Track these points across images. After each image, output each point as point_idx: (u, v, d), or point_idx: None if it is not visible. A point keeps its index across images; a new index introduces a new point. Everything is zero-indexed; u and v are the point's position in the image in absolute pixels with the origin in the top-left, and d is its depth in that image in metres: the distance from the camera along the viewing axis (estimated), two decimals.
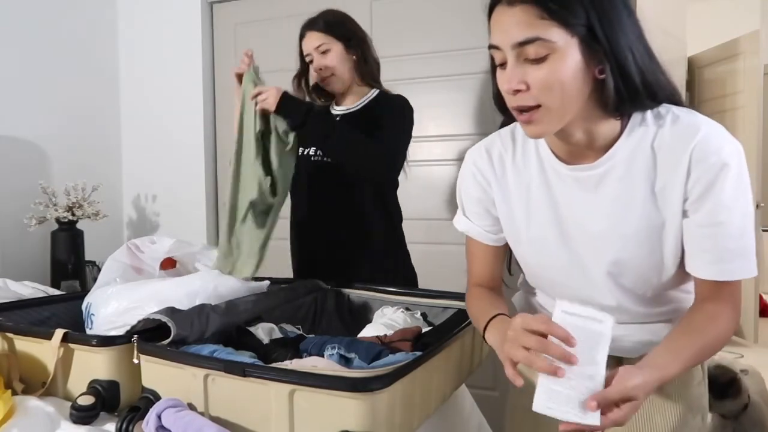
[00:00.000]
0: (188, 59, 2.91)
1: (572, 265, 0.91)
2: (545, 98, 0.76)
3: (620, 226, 0.85)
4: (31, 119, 2.48)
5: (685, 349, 0.79)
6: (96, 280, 1.27)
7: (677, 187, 0.80)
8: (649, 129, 0.82)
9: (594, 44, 0.75)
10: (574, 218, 0.89)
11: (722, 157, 0.78)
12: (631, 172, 0.83)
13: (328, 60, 1.61)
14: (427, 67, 2.37)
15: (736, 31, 3.86)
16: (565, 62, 0.75)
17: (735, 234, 0.80)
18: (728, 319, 0.82)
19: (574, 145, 0.85)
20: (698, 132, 0.79)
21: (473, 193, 0.99)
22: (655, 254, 0.85)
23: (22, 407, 0.95)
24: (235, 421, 0.85)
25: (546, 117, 0.78)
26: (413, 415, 0.90)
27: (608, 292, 0.90)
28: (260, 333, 1.12)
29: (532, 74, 0.76)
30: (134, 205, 3.01)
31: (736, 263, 0.81)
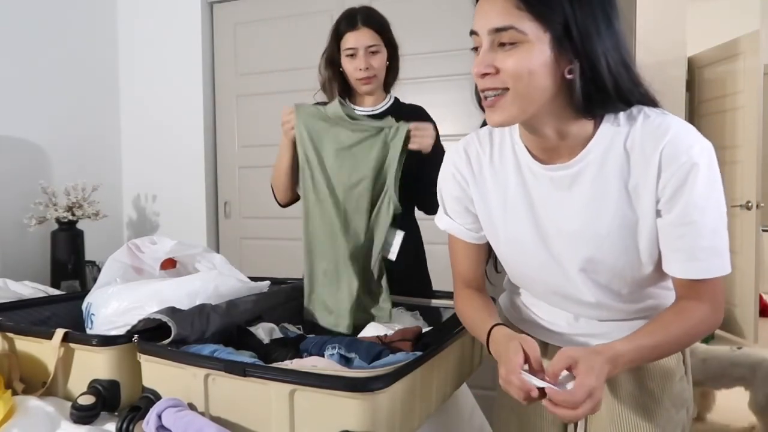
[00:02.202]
0: (188, 59, 2.91)
1: (549, 264, 0.93)
2: (514, 83, 0.79)
3: (594, 225, 0.86)
4: (31, 119, 2.48)
5: (645, 338, 0.81)
6: (96, 280, 1.27)
7: (649, 186, 0.82)
8: (622, 129, 0.83)
9: (566, 44, 0.77)
10: (550, 217, 0.90)
11: (692, 156, 0.79)
12: (604, 171, 0.84)
13: (376, 61, 1.57)
14: (427, 67, 2.37)
15: (736, 31, 3.86)
16: (533, 54, 0.77)
17: (707, 233, 0.81)
18: (702, 314, 0.84)
19: (547, 143, 0.87)
20: (668, 132, 0.80)
21: (452, 192, 1.01)
22: (629, 253, 0.86)
23: (22, 407, 0.95)
24: (235, 421, 0.85)
25: (509, 104, 0.80)
26: (414, 415, 0.90)
27: (586, 289, 0.92)
28: (260, 333, 1.12)
29: (502, 59, 0.79)
30: (134, 205, 3.01)
31: (710, 261, 0.82)
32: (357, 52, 1.56)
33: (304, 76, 2.68)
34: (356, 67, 1.57)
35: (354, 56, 1.57)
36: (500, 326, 0.91)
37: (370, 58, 1.57)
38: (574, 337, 1.00)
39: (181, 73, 2.92)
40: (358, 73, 1.57)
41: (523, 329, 1.06)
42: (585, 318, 0.99)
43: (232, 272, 1.29)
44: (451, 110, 2.34)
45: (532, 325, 1.05)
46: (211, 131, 2.98)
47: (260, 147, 2.90)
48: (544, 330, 1.03)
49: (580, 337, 0.99)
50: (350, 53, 1.57)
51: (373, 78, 1.59)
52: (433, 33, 2.48)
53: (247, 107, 2.93)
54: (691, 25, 3.85)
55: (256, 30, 2.89)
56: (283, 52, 2.83)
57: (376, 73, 1.59)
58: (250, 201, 2.93)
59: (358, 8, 1.60)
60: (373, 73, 1.58)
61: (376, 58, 1.57)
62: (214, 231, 3.00)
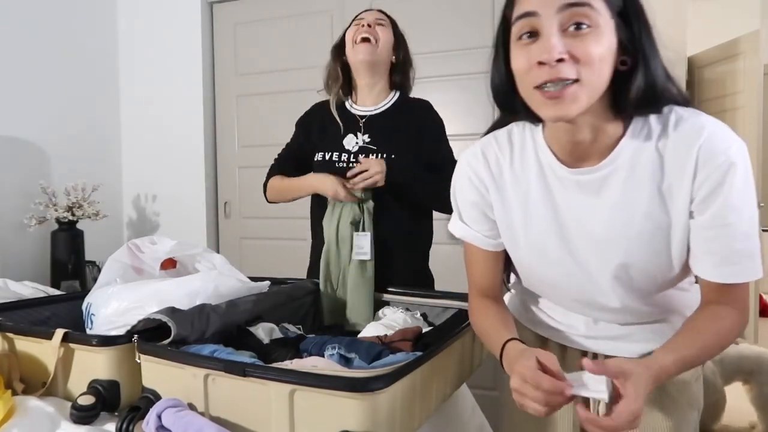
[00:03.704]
0: (188, 59, 2.91)
1: (575, 271, 0.89)
2: (586, 72, 0.71)
3: (625, 229, 0.83)
4: (31, 119, 2.48)
5: (686, 348, 0.79)
6: (96, 280, 1.27)
7: (684, 188, 0.79)
8: (653, 130, 0.81)
9: (625, 33, 0.74)
10: (577, 223, 0.87)
11: (729, 156, 0.76)
12: (635, 173, 0.81)
13: (381, 33, 1.58)
14: (427, 67, 2.37)
15: (736, 31, 3.86)
16: (604, 39, 0.71)
17: (742, 235, 0.79)
18: (733, 320, 0.82)
19: (578, 145, 0.83)
20: (703, 132, 0.78)
21: (469, 197, 0.95)
22: (661, 256, 0.84)
23: (22, 407, 0.95)
24: (235, 421, 0.85)
25: (579, 95, 0.72)
26: (414, 415, 0.90)
27: (614, 295, 0.89)
28: (260, 333, 1.12)
29: (576, 44, 0.71)
30: (134, 205, 3.01)
31: (743, 265, 0.80)
32: (363, 21, 1.59)
33: (304, 76, 2.68)
34: (358, 31, 1.57)
35: (360, 25, 1.58)
36: (516, 341, 0.86)
37: (376, 28, 1.58)
38: (592, 341, 0.98)
39: (181, 73, 2.92)
40: (360, 32, 1.56)
41: (537, 332, 1.05)
42: (604, 321, 0.97)
43: (232, 272, 1.29)
44: (451, 110, 2.34)
45: (547, 328, 1.03)
46: (211, 131, 2.98)
47: (260, 147, 2.90)
48: (560, 333, 1.01)
49: (599, 341, 0.97)
50: (358, 23, 1.60)
51: (372, 46, 1.56)
52: (434, 33, 2.48)
53: (247, 107, 2.93)
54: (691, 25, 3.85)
55: (256, 30, 2.89)
56: (283, 52, 2.83)
57: (377, 41, 1.57)
58: (250, 201, 2.93)
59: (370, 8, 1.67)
60: (374, 39, 1.56)
61: (382, 30, 1.59)
62: (214, 231, 3.00)
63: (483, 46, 2.41)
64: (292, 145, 1.74)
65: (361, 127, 1.62)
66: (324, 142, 1.63)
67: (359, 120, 1.63)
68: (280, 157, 1.77)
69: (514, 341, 0.86)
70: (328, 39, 1.66)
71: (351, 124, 1.63)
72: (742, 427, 2.51)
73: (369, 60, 1.57)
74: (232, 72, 2.95)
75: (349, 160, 1.59)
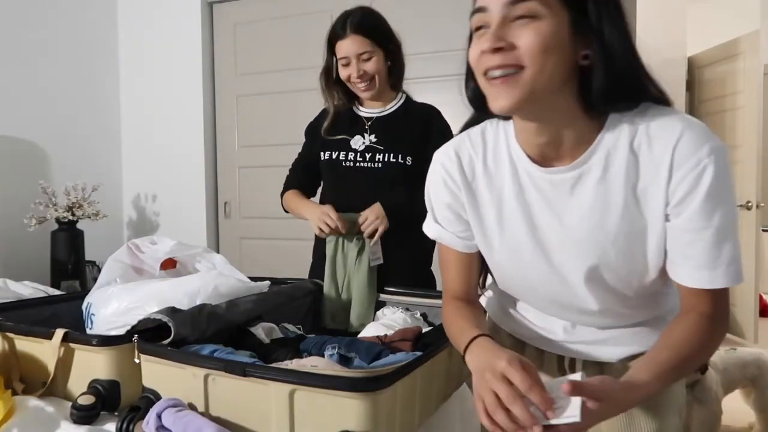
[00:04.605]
0: (188, 59, 2.91)
1: (550, 273, 0.87)
2: (527, 59, 0.72)
3: (599, 233, 0.81)
4: (31, 119, 2.48)
5: (665, 364, 0.77)
6: (96, 280, 1.27)
7: (659, 190, 0.77)
8: (628, 129, 0.78)
9: (584, 25, 0.73)
10: (550, 224, 0.84)
11: (704, 158, 0.74)
12: (609, 174, 0.79)
13: (370, 66, 1.56)
14: (427, 67, 2.37)
15: (736, 31, 3.86)
16: (551, 30, 0.72)
17: (718, 239, 0.76)
18: (712, 330, 0.79)
19: (547, 143, 0.81)
20: (678, 132, 0.75)
21: (443, 198, 0.93)
22: (636, 259, 0.82)
23: (22, 407, 0.95)
24: (235, 421, 0.85)
25: (520, 85, 0.73)
26: (413, 415, 0.90)
27: (590, 297, 0.87)
28: (260, 333, 1.12)
29: (517, 34, 0.72)
30: (134, 205, 3.01)
31: (719, 270, 0.77)
32: (350, 61, 1.56)
33: (304, 76, 2.68)
34: (350, 74, 1.57)
35: (348, 65, 1.57)
36: (484, 338, 0.82)
37: (363, 65, 1.56)
38: (571, 345, 0.96)
39: (181, 73, 2.93)
40: (354, 80, 1.58)
41: (515, 335, 1.03)
42: (584, 326, 0.95)
43: (232, 272, 1.29)
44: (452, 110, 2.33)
45: (525, 331, 1.01)
46: (211, 131, 2.98)
47: (260, 147, 2.90)
48: (539, 337, 0.99)
49: (578, 345, 0.95)
50: (344, 62, 1.58)
51: (370, 83, 1.58)
52: (434, 33, 2.48)
53: (247, 107, 2.93)
54: (691, 25, 3.85)
55: (256, 30, 2.89)
56: (283, 52, 2.83)
57: (372, 77, 1.58)
58: (250, 201, 2.93)
59: (352, 11, 1.58)
60: (368, 78, 1.58)
61: (369, 63, 1.56)
62: (214, 231, 3.00)
63: None
64: (304, 152, 1.76)
65: (368, 128, 1.63)
66: (330, 142, 1.64)
67: (366, 121, 1.65)
68: (293, 166, 1.79)
69: (485, 337, 0.83)
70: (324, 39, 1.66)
71: (358, 124, 1.65)
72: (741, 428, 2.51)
73: (371, 95, 1.62)
74: (232, 72, 2.95)
75: (356, 159, 1.61)
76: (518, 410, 0.68)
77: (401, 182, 1.58)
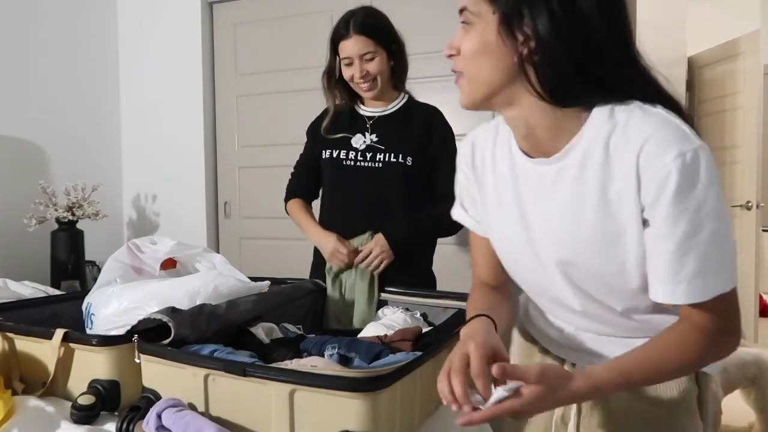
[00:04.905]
0: (188, 59, 2.91)
1: (536, 265, 0.88)
2: (464, 66, 0.79)
3: (572, 230, 0.80)
4: (31, 119, 2.48)
5: (632, 369, 0.75)
6: (96, 280, 1.27)
7: (631, 194, 0.73)
8: (605, 127, 0.75)
9: (517, 25, 0.73)
10: (535, 216, 0.85)
11: (668, 163, 0.69)
12: (584, 173, 0.77)
13: (373, 67, 1.57)
14: (428, 67, 2.37)
15: (736, 31, 3.86)
16: (480, 34, 0.76)
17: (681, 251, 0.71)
18: (703, 340, 0.75)
19: (526, 135, 0.82)
20: (646, 134, 0.71)
21: (462, 182, 0.98)
22: (613, 263, 0.79)
23: (22, 407, 0.95)
24: (235, 421, 0.85)
25: (464, 86, 0.80)
26: (413, 415, 0.90)
27: (570, 294, 0.87)
28: (260, 333, 1.12)
29: (460, 40, 0.79)
30: (134, 205, 3.01)
31: (683, 285, 0.72)
32: (353, 61, 1.56)
33: (304, 76, 2.68)
34: (353, 74, 1.57)
35: (350, 65, 1.57)
36: (484, 318, 0.84)
37: (366, 65, 1.56)
38: (567, 350, 0.96)
39: (181, 73, 2.92)
40: (356, 80, 1.58)
41: (530, 332, 1.05)
42: (580, 329, 0.94)
43: (232, 272, 1.28)
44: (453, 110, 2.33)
45: (535, 330, 1.03)
46: (211, 131, 2.98)
47: (260, 147, 2.90)
48: (544, 336, 1.01)
49: (577, 351, 0.95)
50: (347, 62, 1.58)
51: (372, 83, 1.59)
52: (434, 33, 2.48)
53: (247, 107, 2.93)
54: (691, 25, 3.85)
55: (256, 30, 2.89)
56: (283, 52, 2.83)
57: (375, 77, 1.58)
58: (250, 201, 2.93)
59: (355, 11, 1.59)
60: (370, 79, 1.58)
61: (372, 63, 1.57)
62: (214, 231, 3.00)
63: None
64: (305, 153, 1.77)
65: (369, 127, 1.63)
66: (332, 141, 1.64)
67: (367, 120, 1.65)
68: (296, 169, 1.79)
69: (484, 317, 0.85)
70: (328, 39, 1.66)
71: (359, 123, 1.65)
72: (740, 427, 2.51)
73: (373, 95, 1.62)
74: (232, 72, 2.95)
75: (357, 158, 1.61)
76: (457, 384, 0.72)
77: (402, 182, 1.59)
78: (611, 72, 0.75)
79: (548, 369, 0.73)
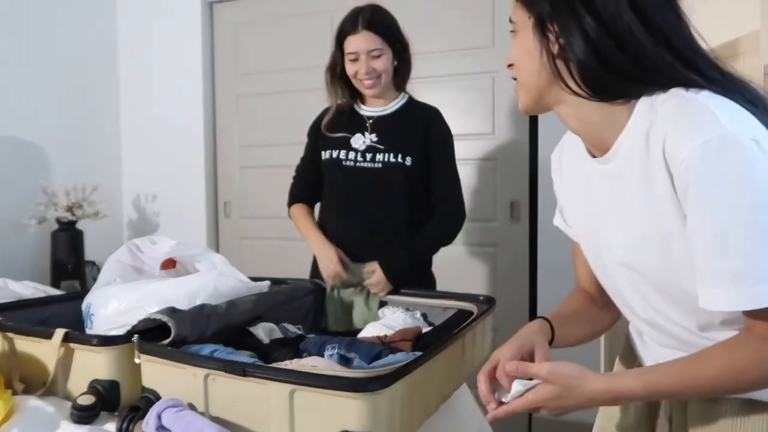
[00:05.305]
0: (188, 59, 2.91)
1: (601, 264, 0.88)
2: (516, 72, 0.82)
3: (623, 232, 0.78)
4: (31, 119, 2.48)
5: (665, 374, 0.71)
6: (96, 280, 1.27)
7: (668, 188, 0.68)
8: (647, 119, 0.71)
9: (550, 27, 0.76)
10: (598, 216, 0.84)
11: (691, 152, 0.64)
12: (629, 170, 0.74)
13: (379, 64, 1.56)
14: (427, 67, 2.37)
15: (736, 31, 3.86)
16: (521, 40, 0.80)
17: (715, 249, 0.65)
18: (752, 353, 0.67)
19: (579, 133, 0.82)
20: (671, 122, 0.68)
21: (555, 185, 0.98)
22: (670, 270, 0.73)
23: (22, 407, 0.95)
24: (235, 421, 0.85)
25: (519, 92, 0.83)
26: (413, 415, 0.90)
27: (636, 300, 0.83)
28: (260, 333, 1.12)
29: (512, 49, 0.83)
30: (134, 205, 3.01)
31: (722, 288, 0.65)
32: (359, 56, 1.55)
33: (304, 76, 2.68)
34: (358, 70, 1.56)
35: (356, 60, 1.56)
36: (543, 321, 0.89)
37: (372, 62, 1.55)
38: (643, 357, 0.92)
39: (181, 73, 2.92)
40: (360, 76, 1.57)
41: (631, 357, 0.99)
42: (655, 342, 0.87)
43: (232, 272, 1.29)
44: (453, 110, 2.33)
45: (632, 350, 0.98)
46: (211, 131, 2.98)
47: (260, 147, 2.90)
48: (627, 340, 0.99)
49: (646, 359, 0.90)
50: (352, 57, 1.56)
51: (376, 81, 1.58)
52: (436, 33, 2.48)
53: (247, 107, 2.93)
54: None
55: (256, 30, 2.89)
56: (283, 52, 2.83)
57: (379, 75, 1.57)
58: (250, 201, 2.93)
59: (363, 8, 1.58)
60: (375, 76, 1.57)
61: (379, 61, 1.56)
62: (214, 231, 3.00)
63: (483, 46, 2.41)
64: (306, 155, 1.76)
65: (369, 127, 1.63)
66: (331, 141, 1.64)
67: (367, 120, 1.64)
68: (298, 172, 1.78)
69: (542, 320, 0.89)
70: (328, 39, 1.66)
71: (359, 123, 1.64)
72: None
73: (375, 93, 1.62)
74: (232, 72, 2.95)
75: (357, 158, 1.60)
76: (480, 383, 0.80)
77: (402, 182, 1.59)
78: (643, 60, 0.72)
79: (559, 367, 0.74)
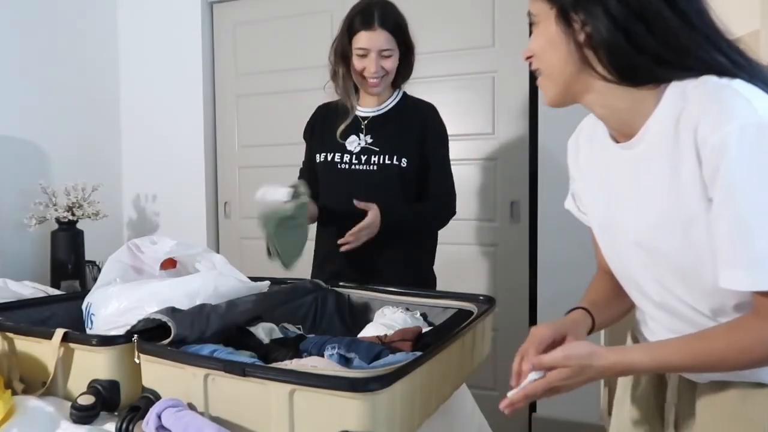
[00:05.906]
0: (188, 59, 2.91)
1: (616, 250, 0.90)
2: (538, 63, 0.83)
3: (645, 215, 0.80)
4: (31, 119, 2.48)
5: (672, 349, 0.75)
6: (96, 280, 1.27)
7: (695, 172, 0.71)
8: (677, 105, 0.73)
9: (572, 15, 0.76)
10: (616, 197, 0.86)
11: (724, 136, 0.66)
12: (656, 154, 0.76)
13: (388, 64, 1.53)
14: (427, 67, 2.37)
15: (736, 31, 3.85)
16: (543, 31, 0.80)
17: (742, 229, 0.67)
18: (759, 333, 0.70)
19: (605, 119, 0.84)
20: (705, 108, 0.69)
21: (570, 168, 1.00)
22: (689, 252, 0.75)
23: (22, 407, 0.95)
24: (235, 421, 0.85)
25: (544, 84, 0.84)
26: (413, 415, 0.90)
27: (650, 283, 0.85)
28: (260, 333, 1.12)
29: (532, 42, 0.83)
30: (134, 205, 3.01)
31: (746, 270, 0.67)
32: (369, 54, 1.51)
33: (304, 76, 2.68)
34: (366, 67, 1.52)
35: (365, 57, 1.52)
36: (581, 311, 0.93)
37: (383, 61, 1.52)
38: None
39: (181, 73, 2.93)
40: (368, 75, 1.53)
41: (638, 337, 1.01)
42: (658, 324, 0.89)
43: (232, 272, 1.28)
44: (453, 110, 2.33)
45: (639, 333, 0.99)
46: (211, 131, 2.98)
47: (260, 147, 2.90)
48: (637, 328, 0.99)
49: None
50: (362, 53, 1.52)
51: (381, 81, 1.55)
52: (437, 33, 2.48)
53: (247, 107, 2.93)
54: None
55: (256, 30, 2.89)
56: (283, 52, 2.83)
57: (386, 74, 1.55)
58: (250, 201, 2.92)
59: (376, 3, 1.53)
60: (382, 75, 1.54)
61: (389, 61, 1.53)
62: (214, 231, 3.00)
63: (483, 46, 2.41)
64: (306, 158, 1.75)
65: (363, 128, 1.61)
66: (325, 143, 1.63)
67: (362, 121, 1.63)
68: (300, 173, 1.77)
69: (580, 310, 0.93)
70: (328, 39, 1.65)
71: (353, 124, 1.63)
72: None
73: (378, 90, 1.59)
74: (232, 72, 2.95)
75: (351, 161, 1.59)
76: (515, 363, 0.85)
77: (397, 184, 1.58)
78: (671, 41, 0.73)
79: (571, 349, 0.79)
